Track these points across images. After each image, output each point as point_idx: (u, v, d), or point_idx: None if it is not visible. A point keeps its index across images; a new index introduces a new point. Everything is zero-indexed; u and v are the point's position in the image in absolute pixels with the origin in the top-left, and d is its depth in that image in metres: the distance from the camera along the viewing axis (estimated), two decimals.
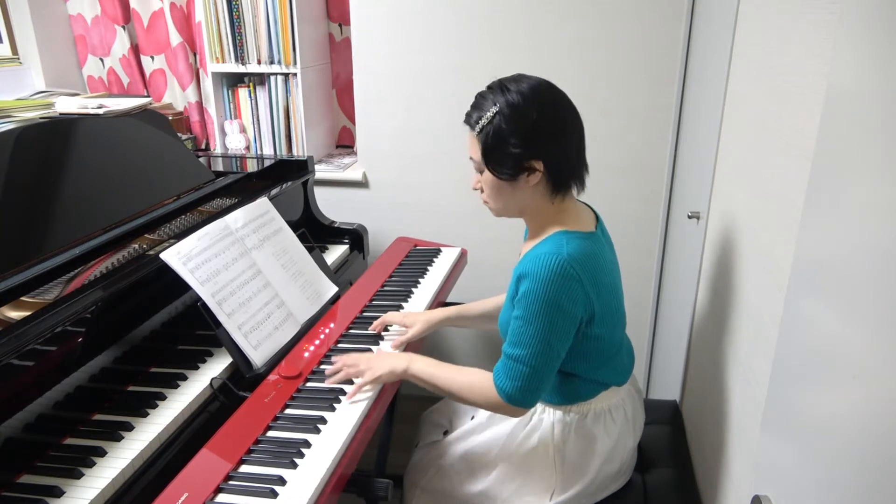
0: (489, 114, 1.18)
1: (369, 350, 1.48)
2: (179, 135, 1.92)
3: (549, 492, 1.32)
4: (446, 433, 1.52)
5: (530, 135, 1.16)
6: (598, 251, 1.22)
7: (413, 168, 2.38)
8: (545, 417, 1.33)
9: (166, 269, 1.34)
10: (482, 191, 1.27)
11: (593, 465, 1.31)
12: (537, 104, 1.16)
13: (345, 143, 2.77)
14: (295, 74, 2.34)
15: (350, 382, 1.34)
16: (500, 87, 1.20)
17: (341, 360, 1.37)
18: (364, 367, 1.34)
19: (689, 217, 1.75)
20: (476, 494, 1.36)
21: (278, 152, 2.48)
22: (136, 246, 1.42)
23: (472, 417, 1.49)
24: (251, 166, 2.08)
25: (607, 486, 1.35)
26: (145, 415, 1.24)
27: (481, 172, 1.24)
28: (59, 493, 1.05)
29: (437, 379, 1.29)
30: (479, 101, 1.21)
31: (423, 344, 1.59)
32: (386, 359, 1.35)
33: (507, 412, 1.24)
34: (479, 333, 2.55)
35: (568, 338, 1.19)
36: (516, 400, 1.19)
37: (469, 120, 1.22)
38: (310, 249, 1.74)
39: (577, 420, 1.31)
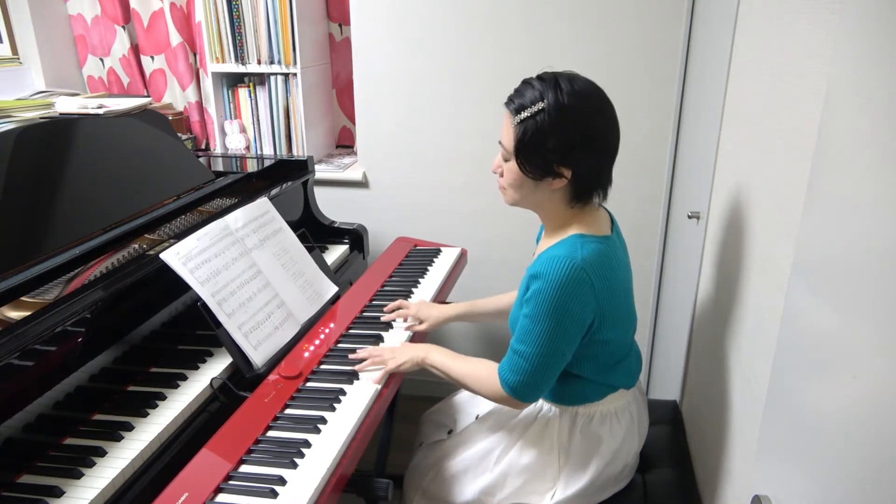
0: (535, 108, 1.13)
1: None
2: (179, 135, 1.92)
3: (550, 491, 1.32)
4: (450, 432, 1.53)
5: (570, 142, 1.14)
6: (612, 254, 1.22)
7: (413, 168, 2.38)
8: (551, 417, 1.34)
9: (166, 269, 1.34)
10: (502, 174, 1.24)
11: (596, 466, 1.31)
12: (585, 112, 1.14)
13: (345, 143, 2.77)
14: (295, 74, 2.34)
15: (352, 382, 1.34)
16: (552, 81, 1.14)
17: (367, 350, 1.42)
18: (388, 356, 1.39)
19: (689, 217, 1.75)
20: (476, 493, 1.36)
21: (278, 152, 2.48)
22: (136, 246, 1.42)
23: (477, 417, 1.49)
24: (251, 166, 2.08)
25: (608, 487, 1.35)
26: (145, 415, 1.24)
27: (507, 161, 1.21)
28: (59, 493, 1.05)
29: (449, 369, 1.34)
30: (526, 90, 1.16)
31: (427, 335, 1.62)
32: (407, 350, 1.41)
33: (510, 404, 1.28)
34: (483, 329, 2.55)
35: (574, 340, 1.20)
36: (519, 393, 1.23)
37: (511, 105, 1.17)
38: (310, 249, 1.74)
39: (583, 421, 1.31)
